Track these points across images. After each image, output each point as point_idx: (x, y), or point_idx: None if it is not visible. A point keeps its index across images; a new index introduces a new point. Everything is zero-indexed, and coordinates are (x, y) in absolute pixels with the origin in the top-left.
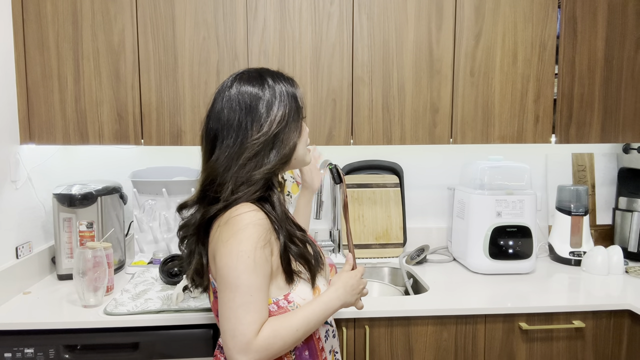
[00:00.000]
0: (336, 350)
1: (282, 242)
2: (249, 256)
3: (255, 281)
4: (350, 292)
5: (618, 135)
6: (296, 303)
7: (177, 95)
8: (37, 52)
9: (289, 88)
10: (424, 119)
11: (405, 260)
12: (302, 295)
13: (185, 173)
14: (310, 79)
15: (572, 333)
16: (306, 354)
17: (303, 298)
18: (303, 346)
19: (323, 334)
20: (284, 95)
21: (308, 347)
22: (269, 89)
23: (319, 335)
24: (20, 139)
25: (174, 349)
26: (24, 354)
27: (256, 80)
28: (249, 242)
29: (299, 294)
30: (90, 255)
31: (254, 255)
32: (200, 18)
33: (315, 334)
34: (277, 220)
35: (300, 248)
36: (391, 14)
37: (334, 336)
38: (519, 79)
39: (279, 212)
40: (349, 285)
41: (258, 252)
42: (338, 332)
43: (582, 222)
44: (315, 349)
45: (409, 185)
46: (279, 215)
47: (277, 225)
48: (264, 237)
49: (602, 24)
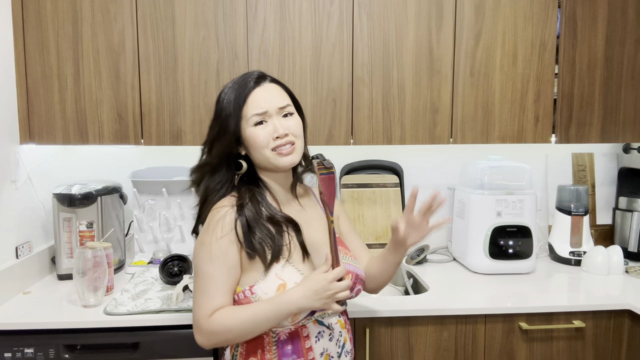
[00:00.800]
0: (332, 355)
1: (244, 225)
2: (207, 247)
3: (211, 270)
4: (313, 297)
5: (618, 135)
6: (258, 296)
7: (177, 95)
8: (37, 52)
9: (228, 102)
10: (424, 118)
11: (405, 260)
12: (265, 290)
13: (185, 173)
14: (310, 79)
15: (572, 333)
16: (289, 348)
17: (265, 292)
18: (286, 340)
19: (314, 334)
20: (223, 108)
21: (292, 342)
22: (220, 101)
23: (307, 333)
24: (20, 139)
25: (174, 349)
26: (24, 354)
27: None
28: (208, 234)
29: (262, 288)
30: (90, 255)
31: (211, 246)
32: (200, 18)
33: (301, 332)
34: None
35: (260, 233)
36: (391, 14)
37: (330, 339)
38: (519, 79)
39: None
40: (312, 290)
41: (215, 243)
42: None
43: (582, 222)
44: (301, 346)
45: (409, 185)
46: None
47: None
48: (223, 228)
49: (602, 24)
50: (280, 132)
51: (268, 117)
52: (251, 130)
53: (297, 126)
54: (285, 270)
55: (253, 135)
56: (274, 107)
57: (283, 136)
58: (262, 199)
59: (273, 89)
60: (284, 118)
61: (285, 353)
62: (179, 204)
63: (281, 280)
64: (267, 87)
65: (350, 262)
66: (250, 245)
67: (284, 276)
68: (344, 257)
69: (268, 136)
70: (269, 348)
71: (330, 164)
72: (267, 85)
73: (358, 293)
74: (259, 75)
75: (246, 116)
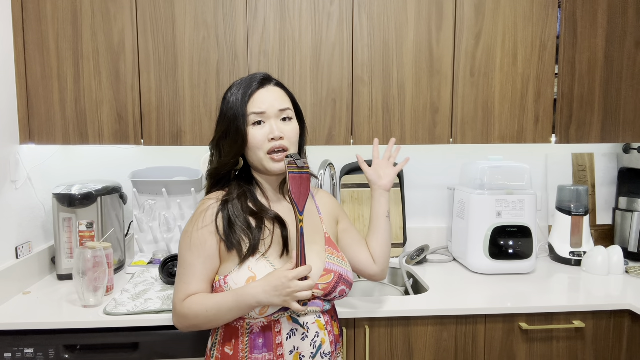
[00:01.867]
0: (303, 355)
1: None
2: (188, 236)
3: (189, 257)
4: (271, 293)
5: (618, 135)
6: (229, 286)
7: (177, 95)
8: (37, 52)
9: (234, 103)
10: (424, 119)
11: (405, 260)
12: (236, 281)
13: (185, 173)
14: (310, 79)
15: (572, 333)
16: (260, 341)
17: (235, 283)
18: (259, 333)
19: (286, 330)
20: (226, 110)
21: (264, 336)
22: (225, 100)
23: (279, 329)
24: (20, 139)
25: (173, 349)
26: (24, 354)
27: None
28: (191, 224)
29: (234, 279)
30: (90, 255)
31: (191, 236)
32: (200, 18)
33: (274, 327)
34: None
35: (240, 227)
36: (391, 14)
37: (303, 339)
38: (519, 79)
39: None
40: (271, 286)
41: (195, 233)
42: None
43: (582, 222)
44: (271, 341)
45: (409, 185)
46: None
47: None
48: (204, 219)
49: (602, 24)
50: (275, 134)
51: (266, 118)
52: (249, 130)
53: (293, 132)
54: (259, 264)
55: (250, 135)
56: (274, 109)
57: (278, 139)
58: (251, 196)
59: (276, 92)
60: (282, 122)
61: (256, 345)
62: (179, 204)
63: (252, 273)
64: (270, 89)
65: (335, 261)
66: (229, 238)
67: (255, 269)
68: (329, 256)
69: (264, 137)
70: (242, 339)
71: (304, 164)
72: (271, 88)
73: (342, 294)
74: (264, 77)
75: (246, 115)
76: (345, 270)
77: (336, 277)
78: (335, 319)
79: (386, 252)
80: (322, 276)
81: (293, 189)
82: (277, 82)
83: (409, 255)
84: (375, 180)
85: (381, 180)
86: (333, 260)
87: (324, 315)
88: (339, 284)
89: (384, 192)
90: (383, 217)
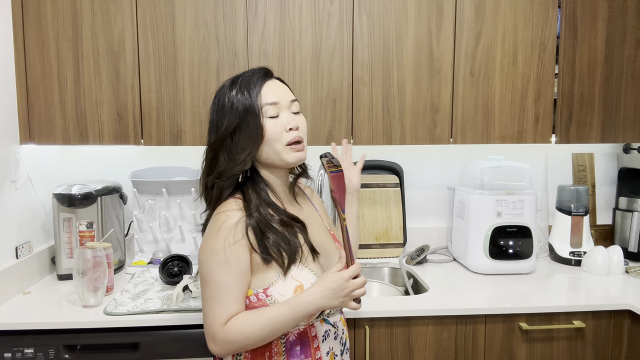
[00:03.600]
0: (336, 353)
1: (256, 229)
2: (218, 254)
3: (223, 277)
4: (330, 296)
5: (618, 135)
6: (274, 298)
7: (177, 95)
8: (37, 52)
9: (243, 96)
10: (424, 118)
11: (405, 260)
12: (281, 292)
13: (185, 173)
14: (310, 79)
15: (572, 333)
16: (297, 349)
17: (282, 294)
18: (295, 341)
19: (321, 333)
20: (234, 103)
21: (301, 342)
22: (227, 96)
23: (315, 333)
24: (20, 139)
25: (174, 349)
26: (24, 354)
27: (226, 85)
28: (219, 240)
29: (278, 290)
30: (90, 255)
31: (223, 253)
32: (200, 18)
33: (310, 332)
34: (251, 212)
35: (274, 237)
36: (391, 14)
37: (335, 338)
38: (519, 79)
39: (254, 205)
40: (329, 289)
41: (227, 249)
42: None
43: (582, 222)
44: (309, 346)
45: (409, 185)
46: (252, 208)
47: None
48: (234, 234)
49: (602, 24)
50: (293, 124)
51: (280, 109)
52: (265, 122)
53: (304, 124)
54: (302, 271)
55: (267, 128)
56: (286, 100)
57: (296, 128)
58: (268, 201)
59: (282, 85)
60: (293, 115)
61: (294, 354)
62: (179, 204)
63: (298, 282)
64: (276, 82)
65: None
66: (266, 250)
67: (300, 277)
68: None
69: (281, 128)
70: (277, 350)
71: (338, 162)
72: (275, 81)
73: None
74: (266, 70)
75: (260, 107)
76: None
77: None
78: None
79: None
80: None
81: (335, 188)
82: (276, 76)
83: (409, 255)
84: (347, 183)
85: (351, 182)
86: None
87: (341, 312)
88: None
89: (355, 193)
90: (354, 218)
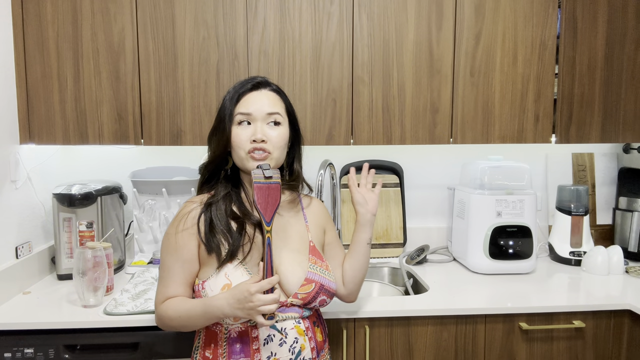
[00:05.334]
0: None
1: (206, 221)
2: (169, 239)
3: (169, 261)
4: (235, 306)
5: (618, 135)
6: (206, 292)
7: (177, 95)
8: (37, 52)
9: (229, 100)
10: (424, 118)
11: (405, 260)
12: (212, 287)
13: (185, 173)
14: (310, 79)
15: (572, 333)
16: (238, 346)
17: (212, 289)
18: (236, 338)
19: (263, 336)
20: (222, 107)
21: (241, 341)
22: (224, 99)
23: (256, 334)
24: (20, 139)
25: (173, 349)
26: (24, 354)
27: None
28: (172, 226)
29: (210, 285)
30: (90, 255)
31: (174, 238)
32: (200, 18)
33: (251, 332)
34: (209, 205)
35: (220, 231)
36: (391, 14)
37: (280, 345)
38: (519, 79)
39: (215, 200)
40: (235, 299)
41: (177, 235)
42: (338, 331)
43: (582, 222)
44: (249, 346)
45: (409, 185)
46: (212, 202)
47: (206, 209)
48: (185, 222)
49: (602, 24)
50: (257, 137)
51: (252, 120)
52: (233, 129)
53: (279, 137)
54: (236, 271)
55: (233, 134)
56: (262, 112)
57: (259, 141)
58: (236, 198)
59: (269, 96)
60: (267, 126)
61: (234, 351)
62: (179, 204)
63: (228, 281)
64: (264, 93)
65: (318, 271)
66: (209, 241)
67: (232, 277)
68: (312, 266)
69: (247, 137)
70: (220, 343)
71: (272, 175)
72: (265, 92)
73: (322, 303)
74: (260, 81)
75: (233, 114)
76: (327, 280)
77: (317, 287)
78: (318, 324)
79: (359, 277)
80: (303, 285)
81: (258, 199)
82: (275, 87)
83: (409, 255)
84: (362, 202)
85: (367, 204)
86: (315, 269)
87: (304, 321)
88: (319, 294)
89: (370, 217)
90: (364, 244)
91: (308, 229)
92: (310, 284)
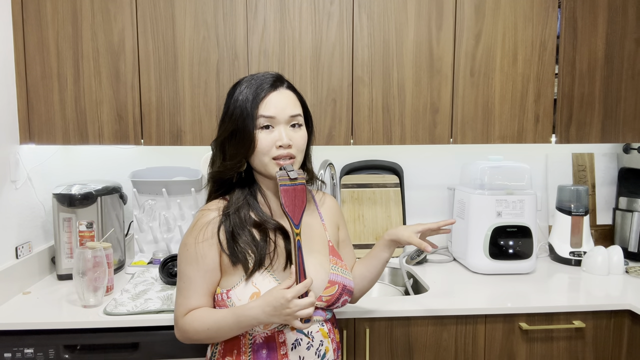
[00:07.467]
0: None
1: (227, 231)
2: (188, 249)
3: (189, 271)
4: (271, 313)
5: (618, 135)
6: (232, 301)
7: (177, 95)
8: (37, 52)
9: (246, 100)
10: (424, 118)
11: (405, 260)
12: (240, 296)
13: (185, 173)
14: (310, 79)
15: (572, 333)
16: (264, 352)
17: (239, 299)
18: (262, 344)
19: (291, 341)
20: (238, 104)
21: (267, 347)
22: (233, 97)
23: (284, 339)
24: (20, 139)
25: (174, 349)
26: (24, 354)
27: (239, 82)
28: (191, 236)
29: (237, 294)
30: (90, 255)
31: (193, 249)
32: (200, 18)
33: (278, 337)
34: (227, 214)
35: (244, 240)
36: (391, 14)
37: (307, 348)
38: (519, 79)
39: (234, 207)
40: (271, 306)
41: (196, 246)
42: (337, 332)
43: (582, 222)
44: (276, 352)
45: (409, 185)
46: (230, 210)
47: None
48: (204, 233)
49: (602, 24)
50: (284, 142)
51: (275, 123)
52: (257, 134)
53: (301, 140)
54: (264, 279)
55: (258, 139)
56: (285, 115)
57: (286, 146)
58: (253, 204)
59: (288, 96)
60: (291, 128)
61: (260, 357)
62: (179, 204)
63: (256, 289)
64: (283, 92)
65: (339, 272)
66: (233, 253)
67: (260, 285)
68: (334, 267)
69: (271, 143)
70: (244, 350)
71: (296, 176)
72: (283, 91)
73: (344, 304)
74: (276, 77)
75: (255, 117)
76: (348, 280)
77: (340, 288)
78: (336, 326)
79: (367, 287)
80: (327, 288)
81: (286, 203)
82: (288, 84)
83: (409, 255)
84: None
85: (399, 235)
86: (337, 270)
87: (327, 323)
88: (342, 294)
89: (393, 244)
90: (385, 262)
91: (325, 228)
92: (333, 285)
